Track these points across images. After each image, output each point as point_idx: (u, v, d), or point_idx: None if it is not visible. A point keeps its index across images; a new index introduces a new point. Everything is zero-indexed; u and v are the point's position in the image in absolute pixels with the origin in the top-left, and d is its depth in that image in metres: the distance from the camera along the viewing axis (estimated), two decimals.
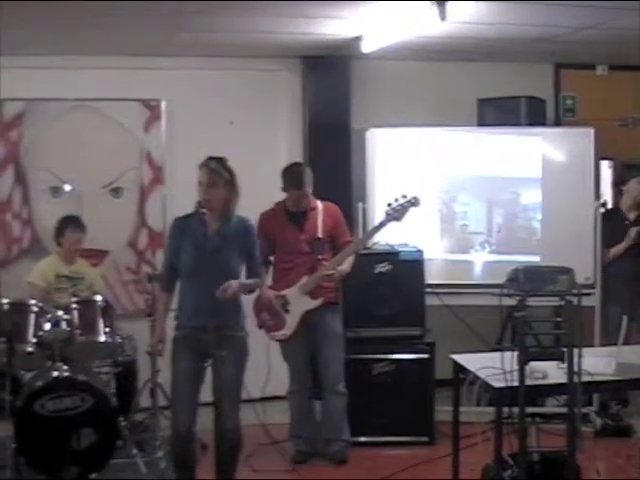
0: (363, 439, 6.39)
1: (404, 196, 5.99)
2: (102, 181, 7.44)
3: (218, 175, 4.93)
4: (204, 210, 4.89)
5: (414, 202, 6.01)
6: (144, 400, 6.41)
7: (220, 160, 4.99)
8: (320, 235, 6.02)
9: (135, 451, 5.92)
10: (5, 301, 5.37)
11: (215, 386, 4.86)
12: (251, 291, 5.26)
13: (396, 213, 5.98)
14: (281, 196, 6.16)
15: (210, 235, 4.93)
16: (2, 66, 6.92)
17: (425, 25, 5.85)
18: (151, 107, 7.47)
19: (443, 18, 5.44)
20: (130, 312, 7.22)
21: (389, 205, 5.99)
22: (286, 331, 6.02)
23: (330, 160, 5.97)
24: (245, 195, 5.07)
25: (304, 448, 6.17)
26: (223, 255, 4.92)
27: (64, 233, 6.62)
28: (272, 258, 6.12)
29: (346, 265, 6.00)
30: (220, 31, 6.48)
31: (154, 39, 6.72)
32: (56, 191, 7.37)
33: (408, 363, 6.50)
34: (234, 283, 4.89)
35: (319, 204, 6.11)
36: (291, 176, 6.06)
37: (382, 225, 6.04)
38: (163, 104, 7.48)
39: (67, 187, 7.36)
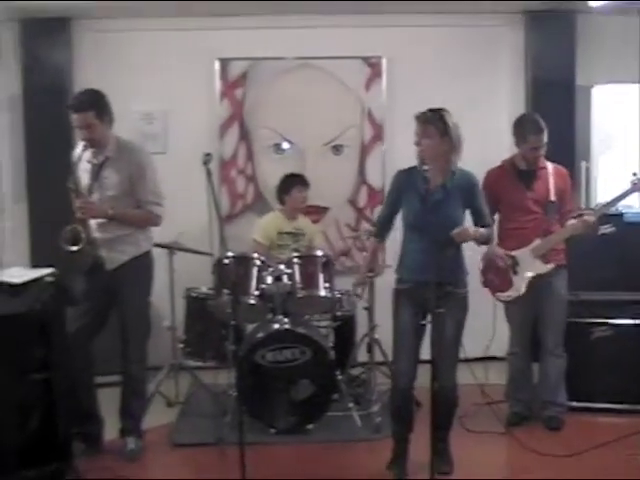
0: (579, 404, 6.23)
1: None
2: (323, 139, 7.54)
3: (432, 126, 4.87)
4: (426, 165, 4.86)
5: None
6: (361, 355, 6.50)
7: (437, 111, 4.91)
8: (553, 198, 5.83)
9: (351, 405, 6.01)
10: (230, 254, 5.53)
11: (433, 343, 4.82)
12: (484, 243, 5.16)
13: None
14: (501, 153, 6.04)
15: (433, 189, 4.88)
16: (227, 27, 7.17)
17: None
18: (372, 65, 7.48)
19: None
20: (349, 268, 7.32)
21: (635, 174, 5.68)
22: (512, 293, 5.91)
23: (553, 117, 5.78)
24: (467, 153, 5.01)
25: (519, 410, 6.08)
26: (446, 209, 4.88)
27: (290, 191, 6.77)
28: (496, 217, 6.02)
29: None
30: None
31: None
32: (278, 148, 7.53)
33: (630, 328, 6.25)
34: (470, 228, 4.85)
35: (549, 165, 5.90)
36: (527, 123, 5.84)
37: (626, 195, 5.68)
38: (384, 61, 7.47)
39: (289, 145, 7.51)
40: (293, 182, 6.80)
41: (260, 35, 7.28)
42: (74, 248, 5.15)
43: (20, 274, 4.92)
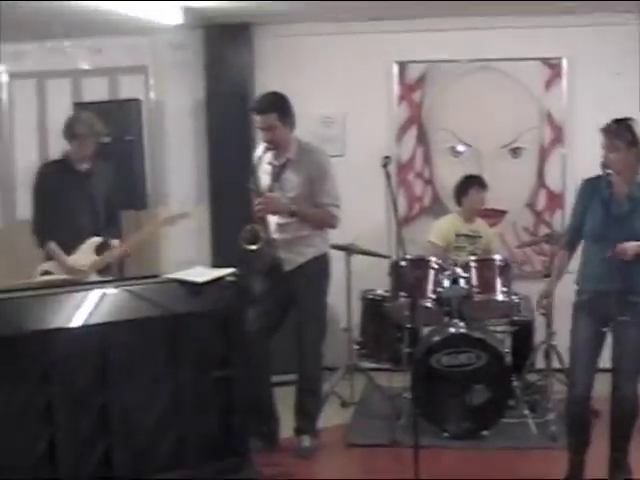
0: None
1: None
2: (501, 141, 7.44)
3: (618, 138, 4.71)
4: (610, 172, 4.72)
5: None
6: (538, 361, 6.38)
7: (622, 122, 4.75)
8: None
9: (526, 412, 5.91)
10: (407, 257, 5.53)
11: (614, 353, 4.70)
12: None
13: None
14: None
15: (618, 199, 4.73)
16: (405, 29, 7.18)
17: None
18: (552, 66, 7.34)
19: None
20: (527, 273, 7.18)
21: None
22: None
23: None
24: None
25: None
26: (631, 221, 4.70)
27: (468, 193, 6.72)
28: None
29: None
30: None
31: None
32: (455, 151, 7.49)
33: None
34: (632, 244, 4.69)
35: None
36: None
37: None
38: (564, 62, 7.31)
39: (465, 147, 7.46)
40: (471, 183, 6.75)
41: (438, 37, 7.27)
42: (252, 247, 5.27)
43: (202, 273, 5.05)
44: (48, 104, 7.88)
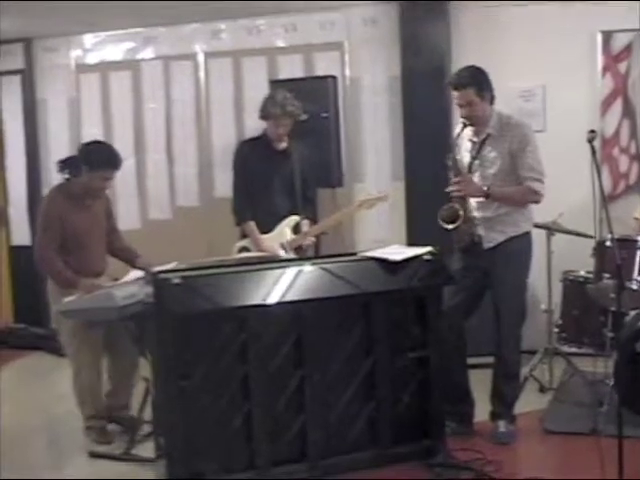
0: None
1: None
2: None
3: None
4: None
5: None
6: None
7: None
8: None
9: None
10: (613, 236, 5.28)
11: None
12: None
13: None
14: None
15: None
16: None
17: None
18: None
19: None
20: None
21: None
22: None
23: None
24: None
25: None
26: None
27: None
28: None
29: None
30: None
31: None
32: None
33: None
34: None
35: None
36: None
37: None
38: None
39: None
40: None
41: None
42: (450, 226, 5.17)
43: (399, 252, 5.02)
44: (244, 82, 8.01)
